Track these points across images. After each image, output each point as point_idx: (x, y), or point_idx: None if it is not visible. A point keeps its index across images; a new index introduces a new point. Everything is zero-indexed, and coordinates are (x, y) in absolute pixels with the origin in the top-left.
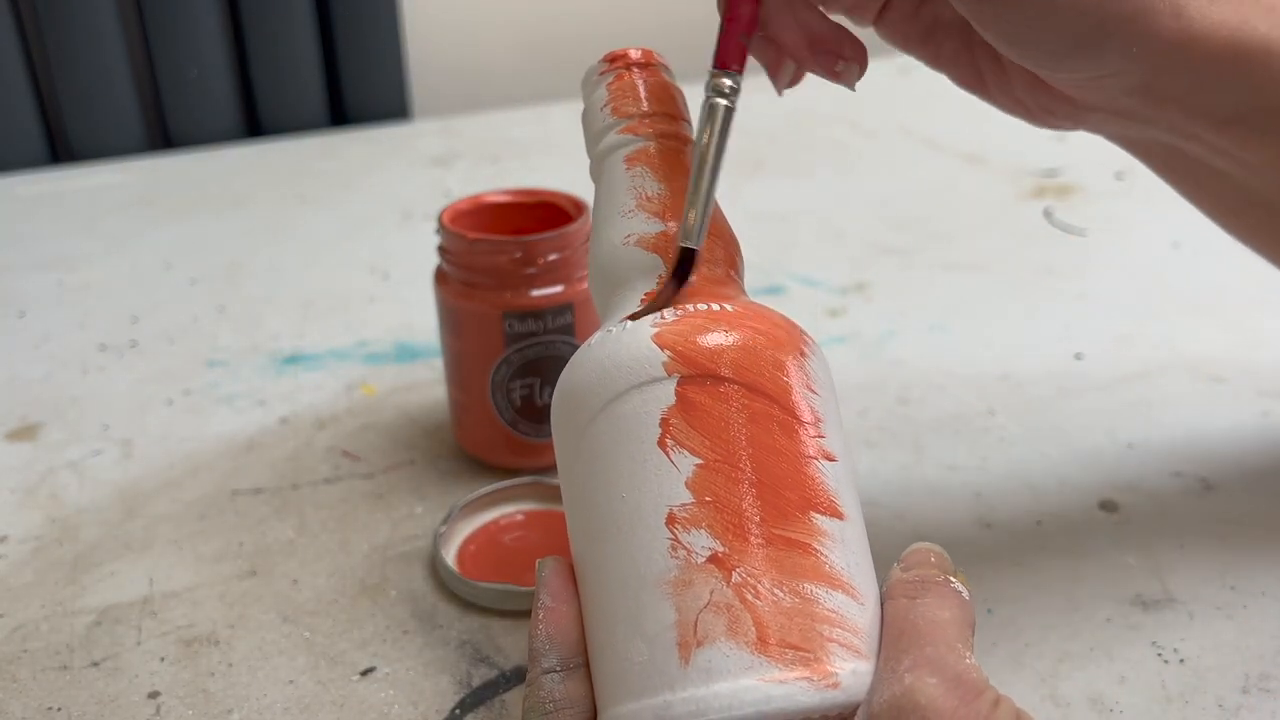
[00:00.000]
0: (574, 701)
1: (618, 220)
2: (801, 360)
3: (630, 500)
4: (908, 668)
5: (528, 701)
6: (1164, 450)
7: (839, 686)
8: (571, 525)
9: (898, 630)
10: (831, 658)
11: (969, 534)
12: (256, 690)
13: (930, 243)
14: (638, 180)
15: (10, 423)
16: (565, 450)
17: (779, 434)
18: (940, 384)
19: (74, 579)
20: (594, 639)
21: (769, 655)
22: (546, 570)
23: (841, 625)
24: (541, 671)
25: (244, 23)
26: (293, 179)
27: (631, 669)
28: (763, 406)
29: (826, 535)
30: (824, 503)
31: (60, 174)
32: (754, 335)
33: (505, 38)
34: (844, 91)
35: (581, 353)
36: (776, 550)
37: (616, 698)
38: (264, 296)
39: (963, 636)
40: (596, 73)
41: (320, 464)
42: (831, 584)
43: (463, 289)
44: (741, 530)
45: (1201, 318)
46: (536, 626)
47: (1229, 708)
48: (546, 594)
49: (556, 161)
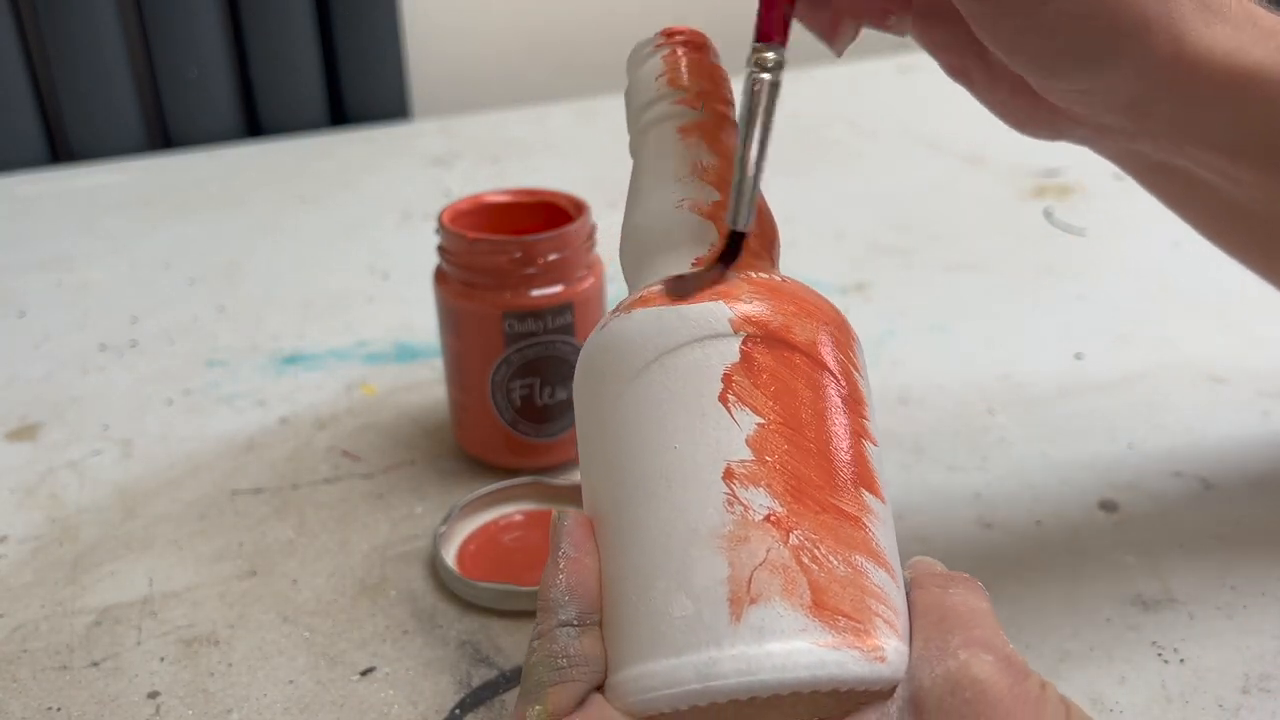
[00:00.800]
0: (589, 659)
1: (671, 184)
2: (853, 342)
3: (684, 452)
4: (959, 645)
5: (537, 654)
6: (1164, 450)
7: (886, 661)
8: (597, 480)
9: (938, 614)
10: (878, 632)
11: (969, 534)
12: (256, 690)
13: (930, 243)
14: (693, 150)
15: (10, 423)
16: (600, 402)
17: (839, 408)
18: (940, 384)
19: (74, 579)
20: (621, 594)
21: (823, 620)
22: (569, 520)
23: (885, 602)
24: (557, 624)
25: (244, 23)
26: (293, 179)
27: (671, 624)
28: (825, 379)
29: (873, 513)
30: (871, 482)
31: (60, 174)
32: (817, 309)
33: (505, 38)
34: (844, 91)
35: (623, 313)
36: (832, 519)
37: (646, 654)
38: (264, 296)
39: (999, 625)
40: (651, 45)
41: (320, 464)
42: (877, 561)
43: (463, 289)
44: (800, 494)
45: (1201, 318)
46: (556, 576)
47: (1229, 708)
48: (569, 543)
49: (556, 161)
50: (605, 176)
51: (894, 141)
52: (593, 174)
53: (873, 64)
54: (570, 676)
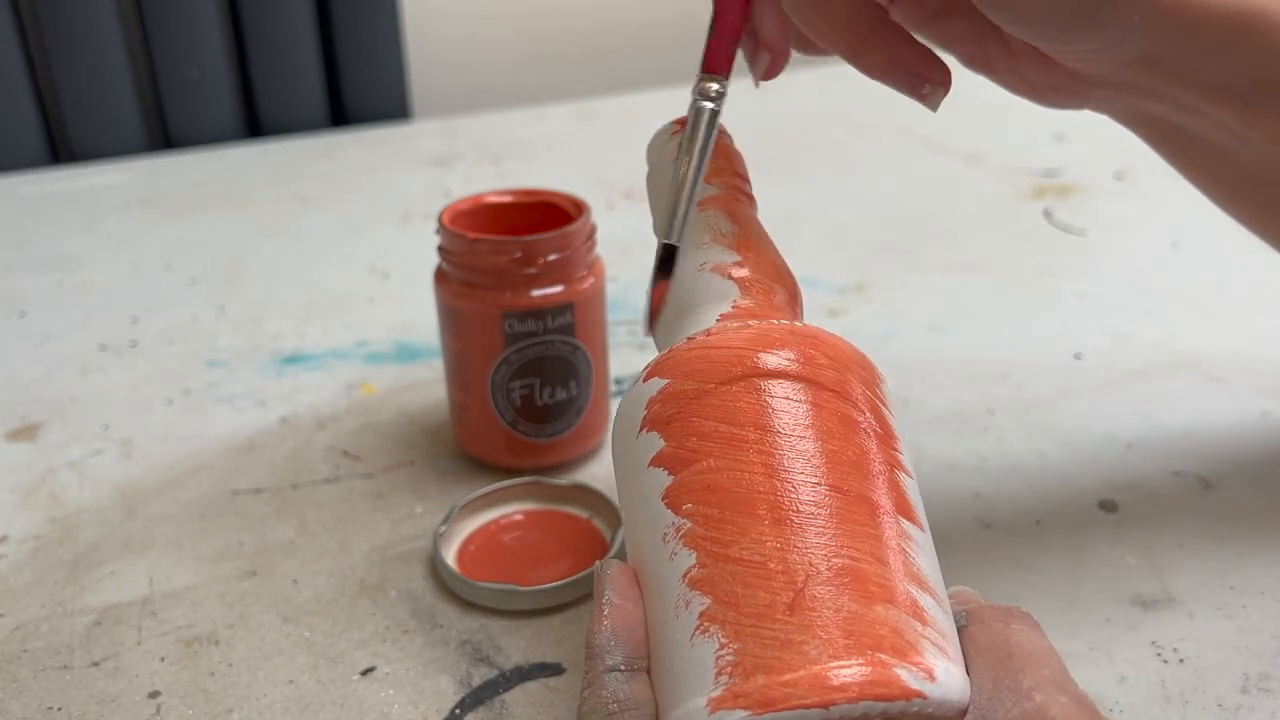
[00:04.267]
0: (639, 703)
1: (694, 251)
2: (879, 381)
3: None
4: (1033, 686)
5: (588, 703)
6: (1164, 450)
7: (936, 680)
8: (630, 527)
9: (1004, 651)
10: (927, 653)
11: (969, 534)
12: (256, 690)
13: (930, 243)
14: (712, 220)
15: (10, 422)
16: (626, 454)
17: (870, 441)
18: (940, 384)
19: (74, 579)
20: (666, 637)
21: (873, 643)
22: (611, 569)
23: (934, 626)
24: (605, 669)
25: (244, 23)
26: (293, 179)
27: (719, 659)
28: (855, 415)
29: (913, 540)
30: (909, 511)
31: (61, 174)
32: (841, 352)
33: (505, 38)
34: (844, 91)
35: (662, 356)
36: (874, 545)
37: (697, 690)
38: (264, 296)
39: (1064, 664)
40: (668, 132)
41: (320, 464)
42: (922, 586)
43: (463, 289)
44: (843, 524)
45: (1201, 318)
46: (601, 623)
47: (1228, 707)
48: (613, 590)
49: (556, 161)
50: (605, 177)
51: (894, 141)
52: (593, 174)
53: None
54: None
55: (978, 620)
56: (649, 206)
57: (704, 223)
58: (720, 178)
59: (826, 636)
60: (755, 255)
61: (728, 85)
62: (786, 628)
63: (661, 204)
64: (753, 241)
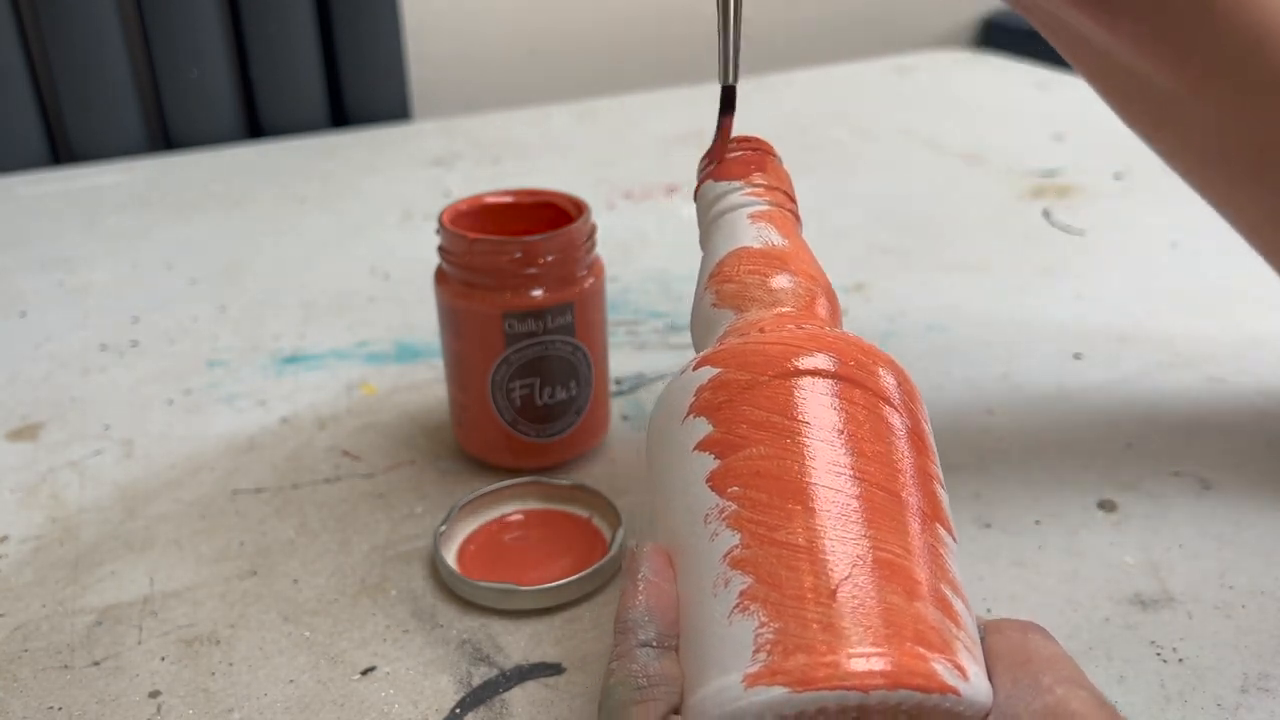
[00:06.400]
0: (668, 679)
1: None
2: (917, 392)
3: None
4: (1053, 682)
5: (616, 674)
6: (1163, 450)
7: (968, 679)
8: (663, 510)
9: (1022, 656)
10: (960, 652)
11: (969, 534)
12: (257, 690)
13: (930, 243)
14: (764, 232)
15: (11, 422)
16: (662, 439)
17: (916, 451)
18: (939, 384)
19: (75, 579)
20: (699, 616)
21: (909, 635)
22: (648, 547)
23: (965, 629)
24: (637, 644)
25: (244, 23)
26: (293, 179)
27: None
28: (892, 415)
29: (947, 546)
30: (944, 519)
31: (61, 174)
32: (880, 358)
33: (505, 38)
34: (844, 91)
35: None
36: (909, 545)
37: (729, 666)
38: (264, 296)
39: (1081, 669)
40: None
41: (321, 464)
42: (956, 591)
43: (463, 289)
44: (884, 520)
45: (1201, 318)
46: (635, 598)
47: (1228, 707)
48: (649, 568)
49: (556, 161)
50: (605, 177)
51: (894, 141)
52: (593, 174)
53: (873, 64)
54: (651, 695)
55: (995, 631)
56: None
57: (754, 233)
58: (772, 194)
59: (869, 624)
60: (801, 267)
61: None
62: (830, 612)
63: (717, 201)
64: (801, 254)
